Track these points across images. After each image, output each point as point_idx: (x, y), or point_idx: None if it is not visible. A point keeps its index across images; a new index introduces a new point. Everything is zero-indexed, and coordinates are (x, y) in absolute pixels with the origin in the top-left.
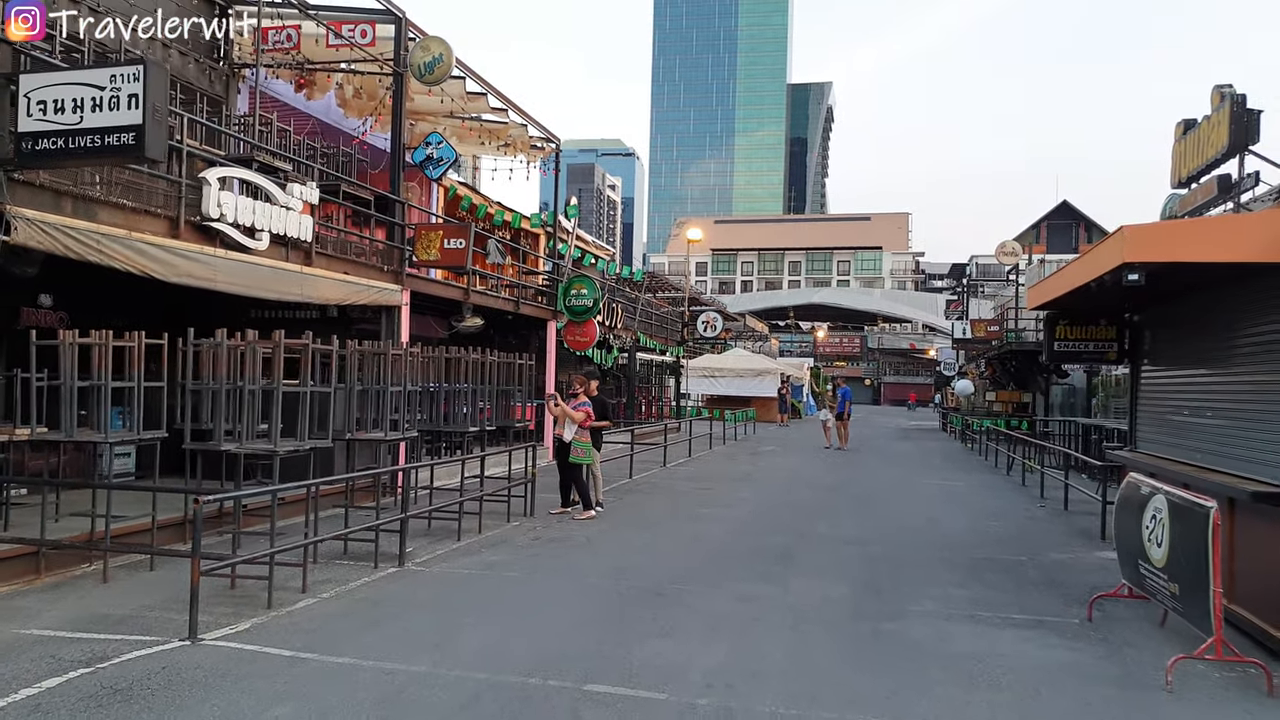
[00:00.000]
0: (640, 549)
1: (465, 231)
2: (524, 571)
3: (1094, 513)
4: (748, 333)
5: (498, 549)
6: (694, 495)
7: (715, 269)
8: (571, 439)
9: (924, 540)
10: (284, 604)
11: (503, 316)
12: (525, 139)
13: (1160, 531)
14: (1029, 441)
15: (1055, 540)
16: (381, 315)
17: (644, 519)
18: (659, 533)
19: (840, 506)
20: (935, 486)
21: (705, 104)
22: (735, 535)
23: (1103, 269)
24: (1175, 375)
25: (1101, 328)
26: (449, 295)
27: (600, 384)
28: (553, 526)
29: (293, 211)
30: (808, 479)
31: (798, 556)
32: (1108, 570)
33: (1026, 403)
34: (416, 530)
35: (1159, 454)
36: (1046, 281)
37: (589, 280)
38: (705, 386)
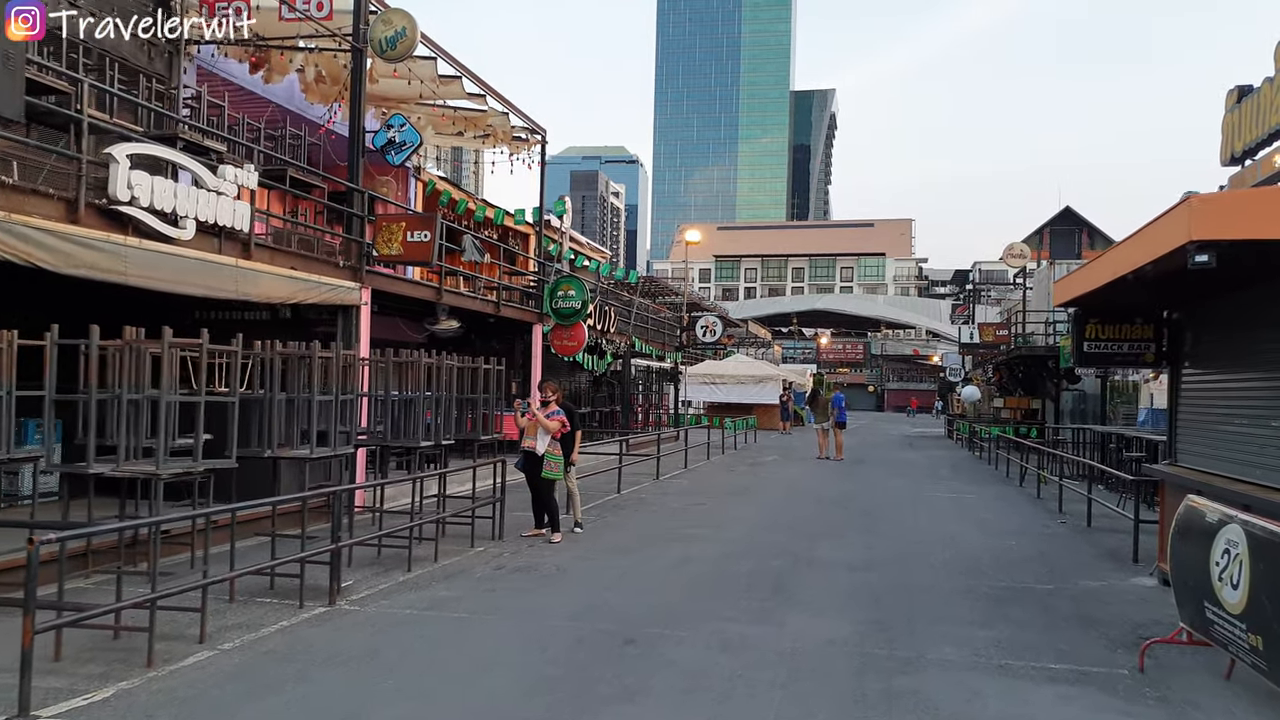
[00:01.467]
0: (616, 579)
1: (431, 223)
2: (475, 611)
3: (1120, 530)
4: (750, 339)
5: (452, 582)
6: (685, 512)
7: (718, 275)
8: (544, 452)
9: (938, 564)
10: (170, 660)
11: (483, 319)
12: (507, 129)
13: (1237, 571)
14: (1042, 450)
15: (1083, 563)
16: (338, 316)
17: (626, 541)
18: (641, 558)
19: (844, 524)
20: (945, 500)
21: (709, 111)
22: (727, 560)
23: (1157, 251)
24: (1227, 379)
25: (1137, 326)
26: (420, 295)
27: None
28: (521, 552)
29: (225, 197)
30: (810, 492)
31: (796, 586)
32: (1149, 603)
33: (1036, 409)
34: (363, 559)
35: (1206, 469)
36: (1075, 275)
37: (577, 281)
38: (706, 393)
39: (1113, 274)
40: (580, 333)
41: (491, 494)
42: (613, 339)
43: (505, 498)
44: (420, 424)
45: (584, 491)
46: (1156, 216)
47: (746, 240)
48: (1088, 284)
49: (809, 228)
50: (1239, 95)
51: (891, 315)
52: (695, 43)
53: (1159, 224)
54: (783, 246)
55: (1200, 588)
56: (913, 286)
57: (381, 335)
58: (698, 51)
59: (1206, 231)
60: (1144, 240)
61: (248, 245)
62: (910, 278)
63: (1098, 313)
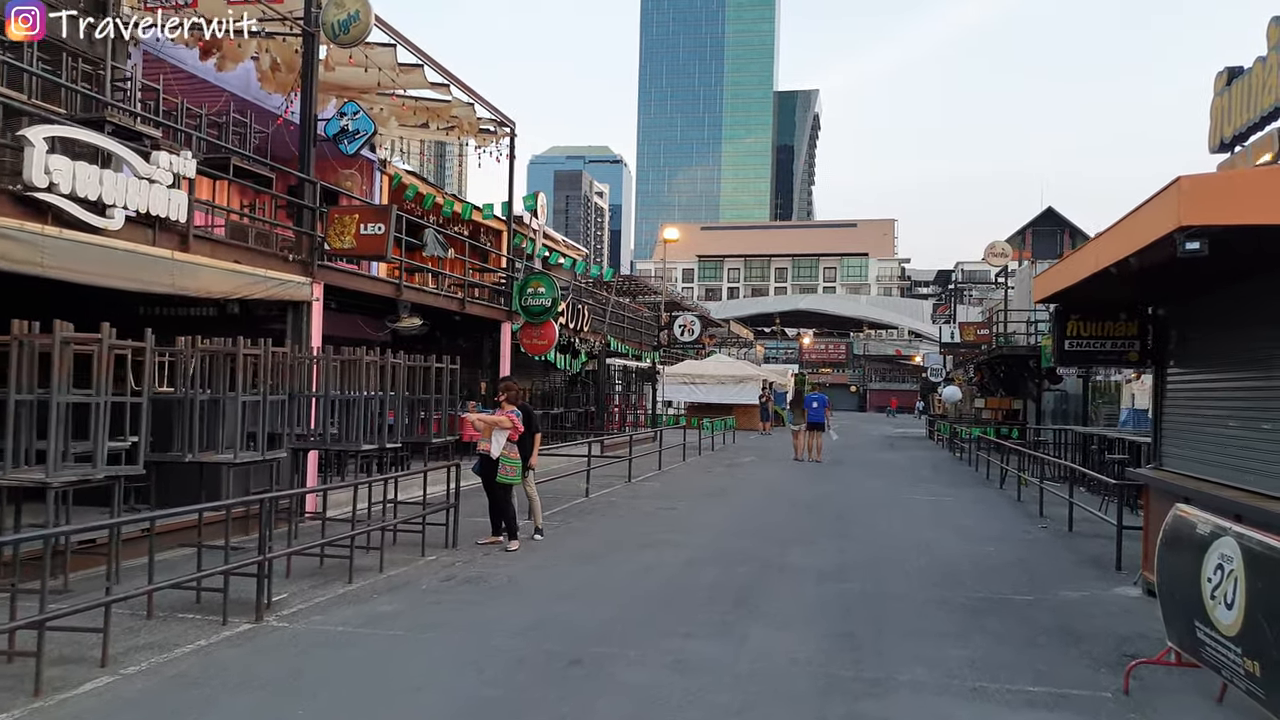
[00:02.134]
0: (572, 591)
1: (385, 215)
2: (414, 628)
3: (1103, 535)
4: (732, 339)
5: (395, 595)
6: (654, 516)
7: (702, 275)
8: (499, 455)
9: (912, 572)
10: (63, 687)
11: (449, 317)
12: (473, 120)
13: (1232, 588)
14: (1023, 452)
15: (1064, 571)
16: (288, 312)
17: (588, 548)
18: (601, 567)
19: (818, 528)
20: (924, 502)
21: (692, 111)
22: (692, 568)
23: (1142, 240)
24: (1217, 379)
25: (1121, 323)
26: (378, 292)
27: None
28: (475, 561)
29: (159, 185)
30: (785, 494)
31: (762, 597)
32: (1133, 615)
33: (1017, 410)
34: (305, 569)
35: (1193, 474)
36: (1055, 269)
37: (547, 278)
38: (685, 393)
39: (1095, 266)
40: (550, 331)
41: (446, 499)
42: (587, 338)
43: (459, 503)
44: (363, 426)
45: (551, 495)
46: (1142, 202)
47: (730, 240)
48: (1068, 278)
49: (792, 228)
50: (1229, 77)
51: (874, 315)
52: (679, 42)
53: (1145, 210)
54: (766, 246)
55: (1190, 605)
56: (895, 287)
57: (339, 333)
58: (681, 51)
59: (1198, 216)
60: (1128, 229)
61: (185, 237)
62: (893, 278)
63: (1079, 309)
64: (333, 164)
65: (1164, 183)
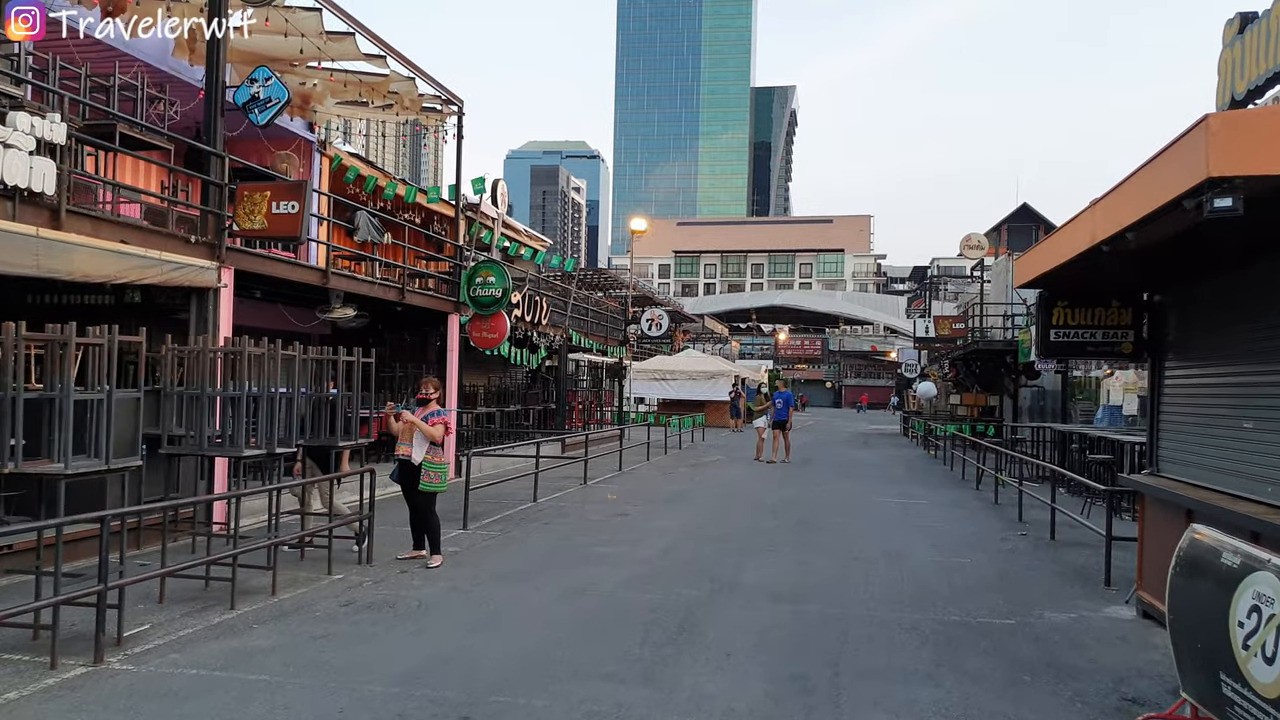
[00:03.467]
0: (488, 618)
1: (299, 192)
2: (285, 670)
3: (1087, 544)
4: (708, 335)
5: (280, 624)
6: (603, 524)
7: (678, 271)
8: (422, 460)
9: (879, 589)
10: None
11: (390, 308)
12: (414, 97)
13: (1273, 639)
14: (1000, 451)
15: (1048, 587)
16: (191, 300)
17: (520, 564)
18: (529, 587)
19: (779, 537)
20: (895, 505)
21: (670, 106)
22: (632, 588)
23: (1153, 202)
24: (1230, 373)
25: (1113, 310)
26: (301, 279)
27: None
28: (386, 581)
29: (19, 152)
30: (748, 497)
31: (707, 623)
32: (1129, 644)
33: (993, 406)
34: (184, 593)
35: (1198, 481)
36: (1040, 248)
37: (497, 267)
38: (656, 390)
39: (1091, 239)
40: (501, 324)
41: (360, 510)
42: (546, 332)
43: (376, 514)
44: (237, 427)
45: (495, 500)
46: (1152, 157)
47: (706, 236)
48: (1055, 258)
49: (769, 224)
50: (1241, 24)
51: (849, 311)
52: (656, 38)
53: (1158, 164)
54: (742, 242)
55: (1215, 654)
56: (871, 283)
57: (262, 325)
58: (658, 46)
59: (1233, 164)
60: (1134, 191)
61: (57, 212)
62: (869, 274)
63: (1067, 294)
64: (266, 144)
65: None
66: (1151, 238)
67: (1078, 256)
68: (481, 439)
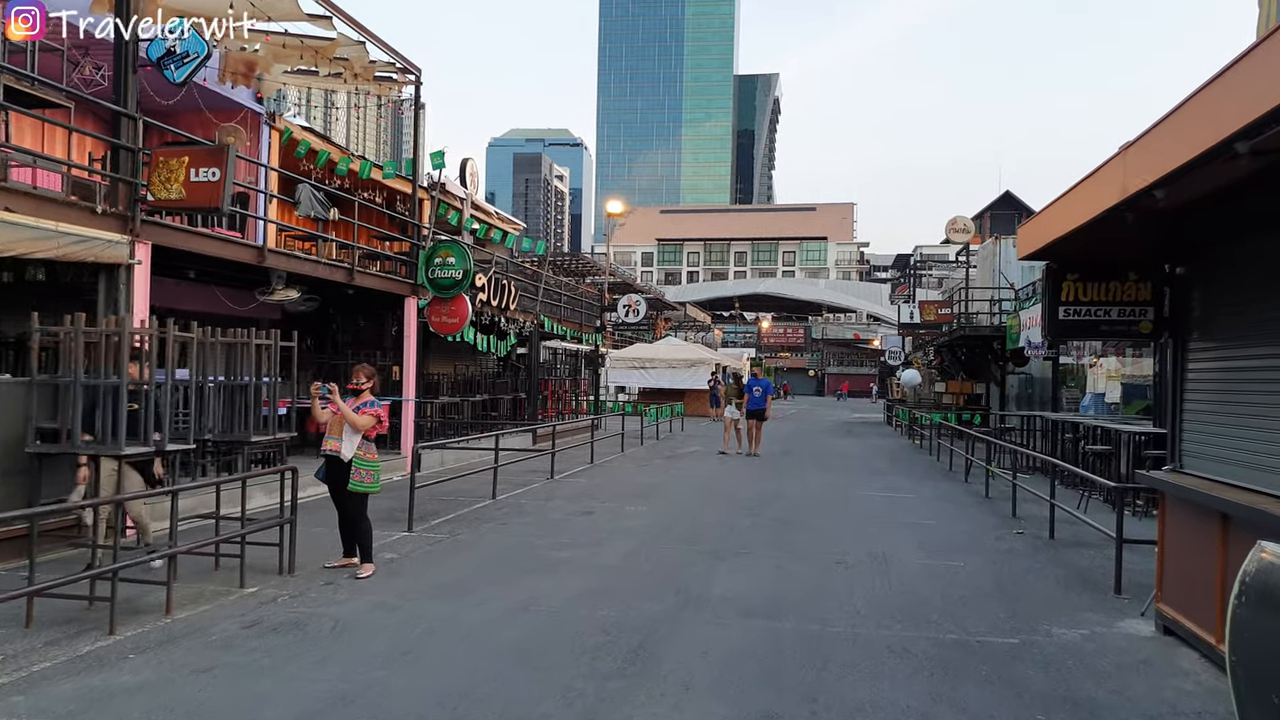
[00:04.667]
0: (413, 643)
1: (220, 158)
2: (148, 716)
3: (1088, 544)
4: (690, 322)
5: (162, 654)
6: (565, 524)
7: (661, 259)
8: (352, 457)
9: (863, 600)
10: None
11: (342, 291)
12: (365, 63)
13: None
14: (991, 441)
15: (1052, 595)
16: (100, 278)
17: (464, 572)
18: (469, 602)
19: (755, 537)
20: (880, 500)
21: (653, 94)
22: (586, 602)
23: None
24: (1266, 354)
25: (1130, 283)
26: (232, 256)
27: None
28: (305, 596)
29: None
30: (724, 492)
31: (666, 648)
32: (1154, 669)
33: (979, 394)
34: (63, 614)
35: (1232, 480)
36: (1049, 211)
37: (457, 247)
38: (635, 378)
39: (1119, 193)
40: (462, 307)
41: (280, 514)
42: (515, 317)
43: (298, 517)
44: (112, 419)
45: (451, 498)
46: (1200, 88)
47: (689, 224)
48: (1068, 221)
49: (752, 211)
50: None
51: (833, 299)
52: (639, 25)
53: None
54: (726, 230)
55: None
56: (854, 270)
57: (193, 307)
58: (641, 34)
59: None
60: (1185, 125)
61: None
62: (852, 262)
63: (1078, 266)
64: (209, 116)
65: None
66: (1187, 193)
67: (1099, 218)
68: (445, 431)
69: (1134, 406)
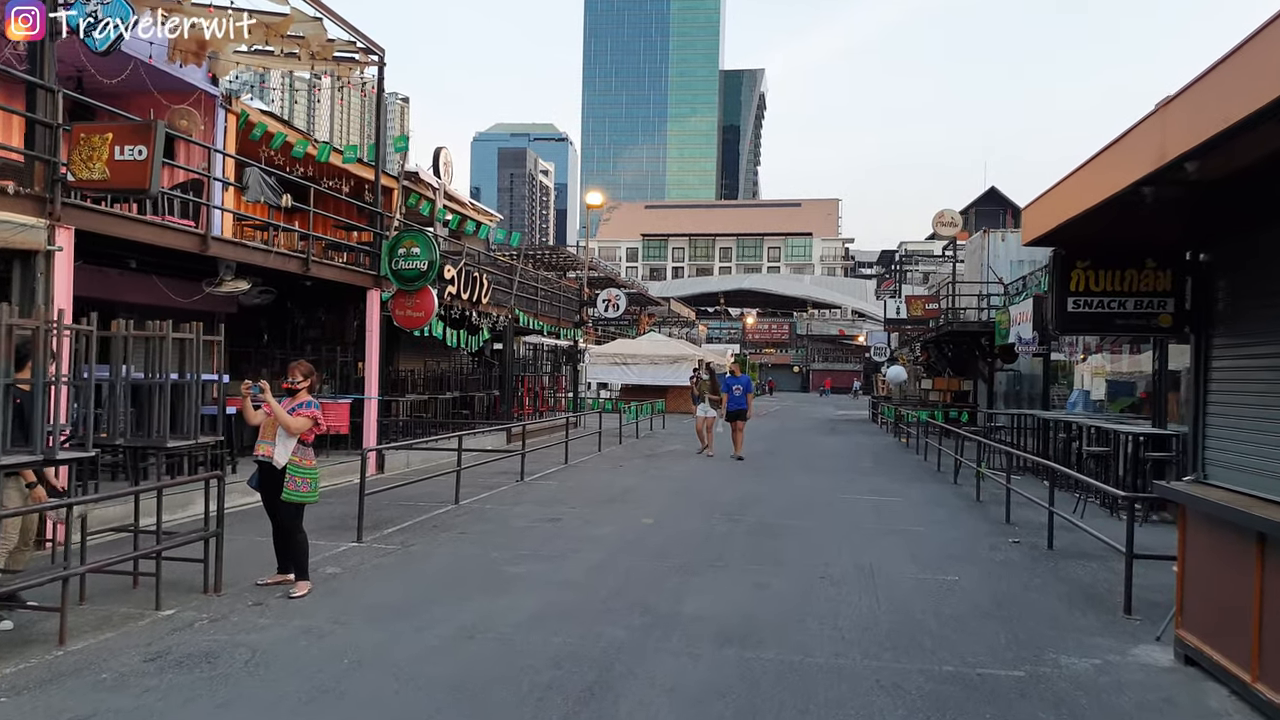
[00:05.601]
0: (335, 680)
1: (148, 135)
2: None
3: (1091, 555)
4: (674, 318)
5: (37, 698)
6: (528, 533)
7: (646, 255)
8: (287, 463)
9: (850, 622)
10: None
11: (299, 283)
12: (323, 41)
13: None
14: (981, 441)
15: (1056, 615)
16: (14, 266)
17: (411, 590)
18: (410, 625)
19: (733, 547)
20: (867, 504)
21: (638, 89)
22: (541, 626)
23: None
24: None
25: (1148, 272)
26: (170, 243)
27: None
28: (228, 619)
29: None
30: (702, 496)
31: (625, 685)
32: (1180, 710)
33: (966, 391)
34: None
35: (1262, 493)
36: (1059, 189)
37: (422, 237)
38: (617, 374)
39: (1156, 160)
40: (428, 300)
41: (204, 527)
42: (487, 311)
43: (223, 530)
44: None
45: (409, 503)
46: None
47: (675, 219)
48: (1083, 200)
49: (737, 207)
50: None
51: (818, 295)
52: (624, 19)
53: None
54: (711, 226)
55: None
56: (839, 266)
57: (134, 299)
58: (626, 28)
59: None
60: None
61: None
62: (837, 258)
63: (1090, 252)
64: (159, 98)
65: None
66: (1237, 161)
67: (1123, 194)
68: (414, 430)
69: (1119, 404)
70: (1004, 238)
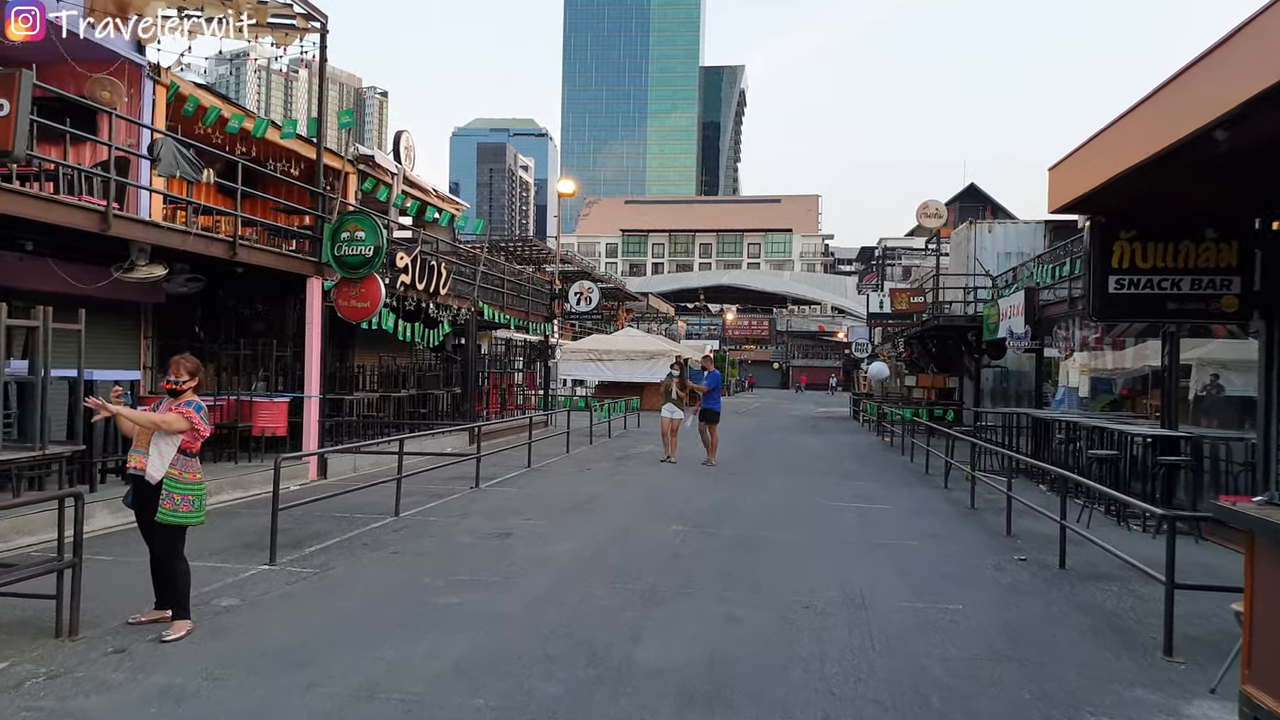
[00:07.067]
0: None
1: (10, 85)
2: None
3: (1108, 574)
4: (653, 314)
5: None
6: (470, 552)
7: (626, 250)
8: (163, 476)
9: (838, 670)
10: None
11: (230, 270)
12: (256, 3)
13: None
14: (973, 442)
15: (1084, 659)
16: None
17: (315, 629)
18: (302, 680)
19: (704, 570)
20: (851, 514)
21: (618, 85)
22: (460, 679)
23: None
24: None
25: (1208, 245)
26: (63, 221)
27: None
28: (74, 672)
29: None
30: (673, 504)
31: None
32: None
33: (952, 388)
34: None
35: None
36: (1093, 144)
37: (367, 220)
38: (592, 371)
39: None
40: (374, 289)
41: (59, 555)
42: (447, 303)
43: (80, 560)
44: None
45: (344, 514)
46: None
47: (654, 215)
48: (1124, 156)
49: (717, 203)
50: None
51: (797, 291)
52: (604, 14)
53: None
54: (691, 221)
55: None
56: (819, 263)
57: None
58: (606, 23)
59: None
60: None
61: None
62: (816, 254)
63: (1136, 221)
64: (75, 66)
65: None
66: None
67: (1165, 154)
68: (366, 431)
69: (1100, 401)
70: (990, 229)
